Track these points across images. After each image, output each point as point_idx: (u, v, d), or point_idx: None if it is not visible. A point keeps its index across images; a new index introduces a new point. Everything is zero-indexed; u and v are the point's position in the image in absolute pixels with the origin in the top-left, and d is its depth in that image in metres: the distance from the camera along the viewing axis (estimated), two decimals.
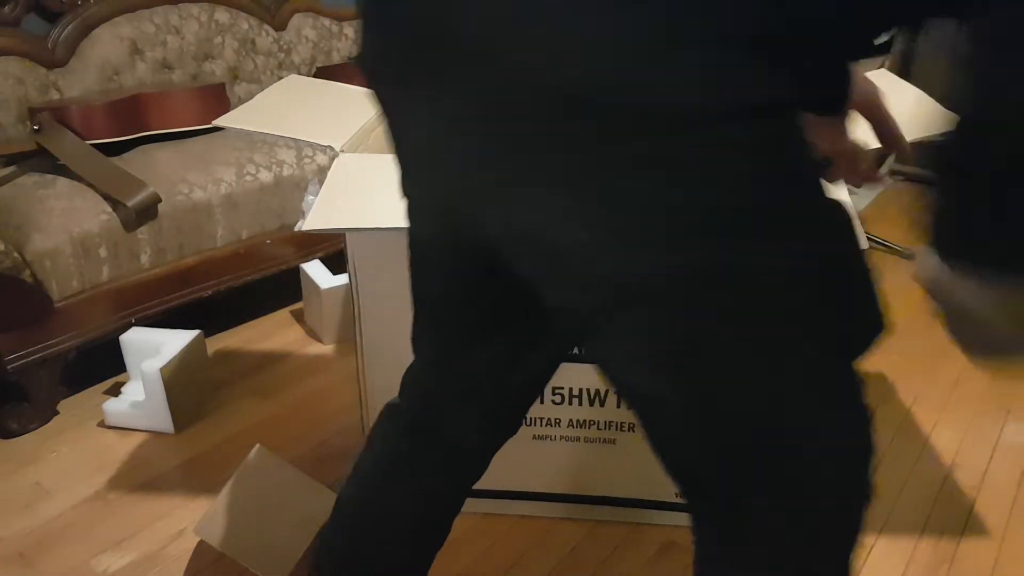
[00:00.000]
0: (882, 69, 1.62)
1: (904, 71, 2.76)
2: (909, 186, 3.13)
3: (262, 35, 2.38)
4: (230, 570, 1.29)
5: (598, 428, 1.35)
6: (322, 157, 2.03)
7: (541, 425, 1.35)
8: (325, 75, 2.04)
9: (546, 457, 1.38)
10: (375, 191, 1.11)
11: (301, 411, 1.76)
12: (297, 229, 1.07)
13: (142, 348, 1.70)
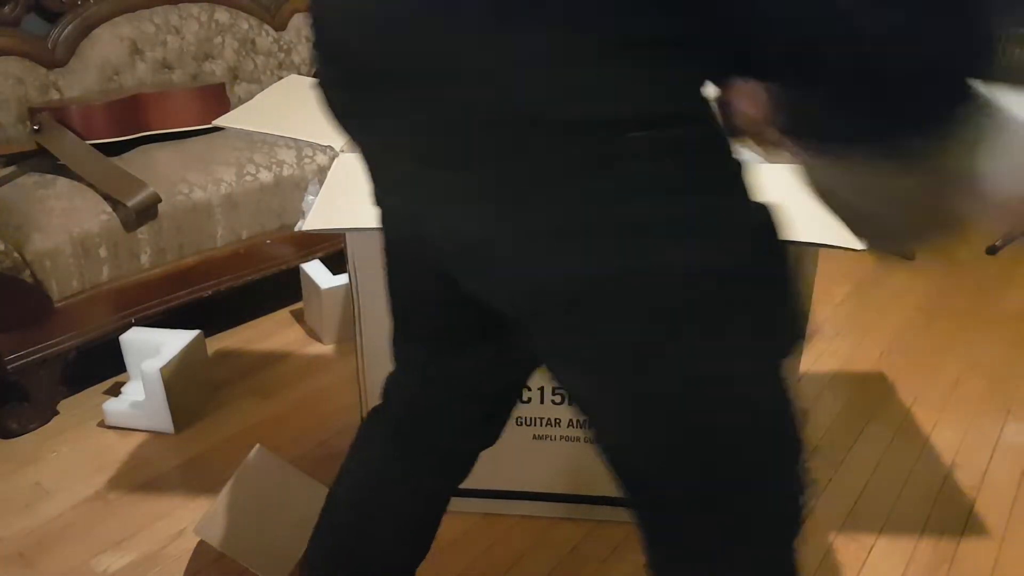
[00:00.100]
0: None
1: None
2: None
3: (262, 35, 2.38)
4: (230, 570, 1.29)
5: None
6: (322, 157, 2.03)
7: (541, 425, 1.35)
8: None
9: (546, 457, 1.38)
10: None
11: (301, 411, 1.76)
12: (297, 229, 1.07)
13: (142, 348, 1.70)
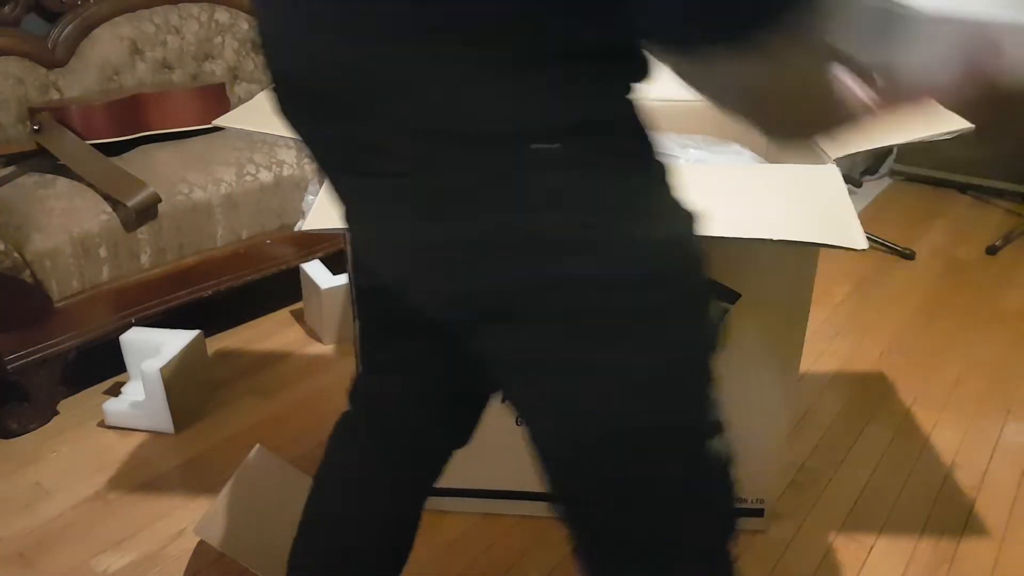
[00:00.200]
0: None
1: None
2: (909, 186, 3.13)
3: None
4: (230, 570, 1.29)
5: None
6: None
7: None
8: None
9: None
10: None
11: (301, 411, 1.76)
12: (297, 229, 1.07)
13: (142, 348, 1.70)
